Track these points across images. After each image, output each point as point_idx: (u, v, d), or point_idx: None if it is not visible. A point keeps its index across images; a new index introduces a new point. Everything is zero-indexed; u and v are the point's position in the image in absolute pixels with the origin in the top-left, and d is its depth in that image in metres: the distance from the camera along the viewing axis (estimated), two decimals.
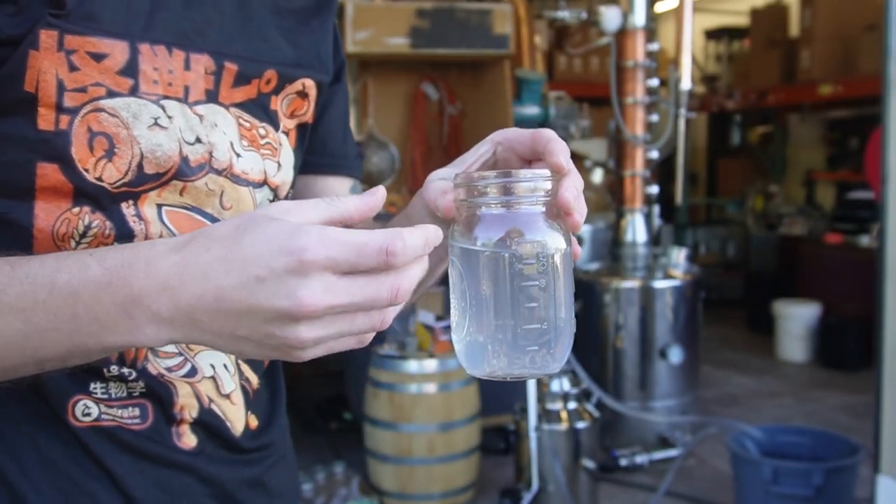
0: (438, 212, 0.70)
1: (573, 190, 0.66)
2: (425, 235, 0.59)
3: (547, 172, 0.66)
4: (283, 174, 0.89)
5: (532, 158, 0.73)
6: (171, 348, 0.81)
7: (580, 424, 3.26)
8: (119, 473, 0.78)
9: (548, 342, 0.65)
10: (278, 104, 0.88)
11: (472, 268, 0.65)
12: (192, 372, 0.82)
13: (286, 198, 0.91)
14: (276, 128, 0.88)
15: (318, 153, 0.98)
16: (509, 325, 0.64)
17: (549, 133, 0.69)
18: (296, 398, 4.39)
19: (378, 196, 0.62)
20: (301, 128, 0.92)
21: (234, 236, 0.57)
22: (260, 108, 0.86)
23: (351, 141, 1.03)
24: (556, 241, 0.65)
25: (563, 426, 3.24)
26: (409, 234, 0.57)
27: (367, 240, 0.56)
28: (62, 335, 0.61)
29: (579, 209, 0.66)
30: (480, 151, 0.75)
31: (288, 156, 0.90)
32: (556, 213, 0.66)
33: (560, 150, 0.67)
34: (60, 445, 0.76)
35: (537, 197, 0.65)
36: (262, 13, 0.87)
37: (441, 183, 0.71)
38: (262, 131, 0.86)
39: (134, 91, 0.75)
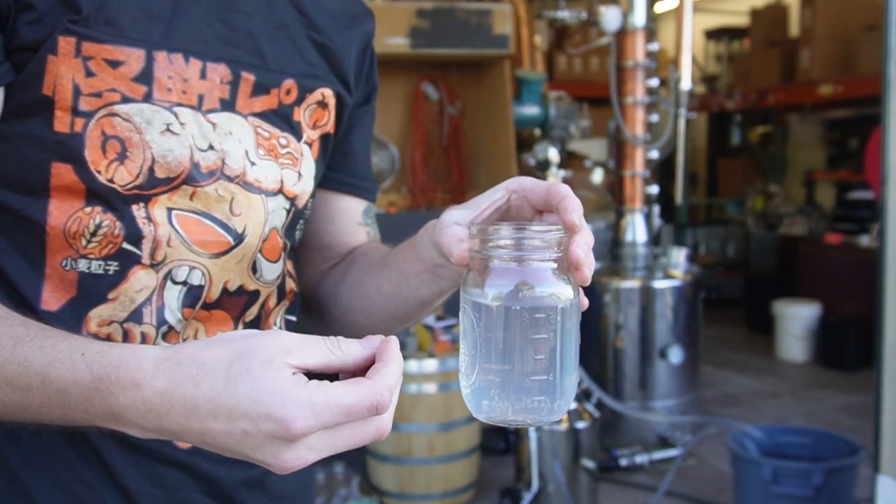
0: (452, 258, 0.71)
1: (584, 246, 0.67)
2: (399, 368, 0.61)
3: (560, 228, 0.68)
4: (304, 184, 0.91)
5: (545, 210, 0.74)
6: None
7: (580, 424, 3.26)
8: (115, 466, 0.80)
9: (553, 393, 0.67)
10: (301, 115, 0.89)
11: (483, 317, 0.67)
12: None
13: (305, 209, 0.93)
14: (299, 138, 0.89)
15: (340, 171, 1.00)
16: (516, 376, 0.66)
17: (564, 189, 0.70)
18: None
19: (383, 348, 0.61)
20: (324, 138, 0.93)
21: (225, 377, 0.57)
22: (282, 119, 0.87)
23: (370, 164, 1.05)
24: (565, 295, 0.67)
25: (563, 426, 3.24)
26: (392, 378, 0.59)
27: (355, 401, 0.57)
28: (56, 414, 0.63)
29: (589, 264, 0.68)
30: (495, 197, 0.76)
31: (309, 166, 0.91)
32: (567, 266, 0.68)
33: (574, 208, 0.68)
34: (61, 435, 0.78)
35: (550, 252, 0.67)
36: (290, 20, 0.88)
37: (457, 230, 0.72)
38: (283, 141, 0.87)
39: (148, 98, 0.77)
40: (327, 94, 0.91)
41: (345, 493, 3.46)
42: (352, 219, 1.03)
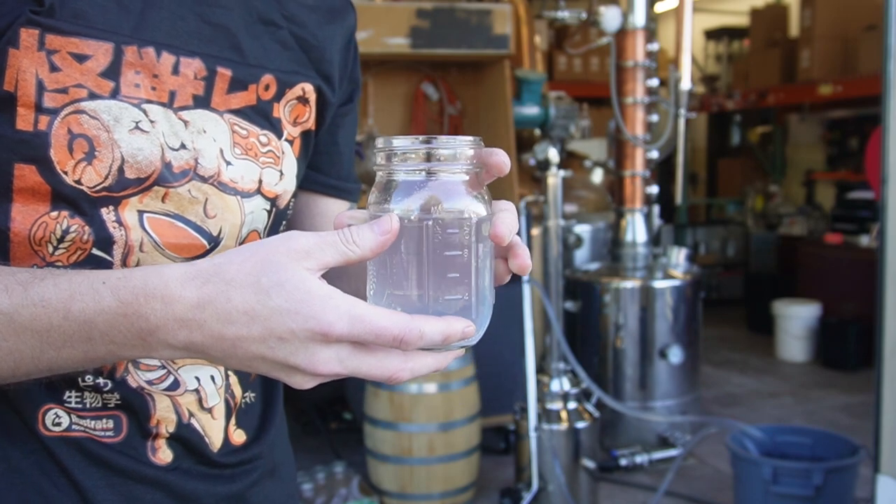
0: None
1: (510, 223, 0.64)
2: (445, 332, 0.61)
3: (470, 139, 0.64)
4: (286, 183, 0.87)
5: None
6: (153, 361, 0.79)
7: (580, 424, 3.27)
8: (87, 487, 0.75)
9: (468, 313, 0.63)
10: (281, 111, 0.85)
11: None
12: (175, 385, 0.80)
13: (287, 209, 0.89)
14: (280, 136, 0.85)
15: (327, 173, 0.96)
16: (429, 296, 0.62)
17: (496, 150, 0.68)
18: (296, 398, 4.39)
19: (393, 230, 0.61)
20: (305, 135, 0.89)
21: (256, 290, 0.59)
22: (261, 116, 0.83)
23: (353, 163, 1.02)
24: (478, 211, 0.63)
25: (563, 426, 3.24)
26: (429, 330, 0.60)
27: (386, 325, 0.59)
28: (78, 352, 0.62)
29: (511, 228, 0.64)
30: None
31: (291, 164, 0.87)
32: (479, 183, 0.64)
33: (503, 162, 0.66)
34: (28, 455, 0.74)
35: (460, 164, 0.63)
36: (269, 14, 0.85)
37: (343, 217, 0.67)
38: (263, 139, 0.83)
39: (115, 94, 0.73)
40: (308, 89, 0.87)
41: (345, 493, 3.46)
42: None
